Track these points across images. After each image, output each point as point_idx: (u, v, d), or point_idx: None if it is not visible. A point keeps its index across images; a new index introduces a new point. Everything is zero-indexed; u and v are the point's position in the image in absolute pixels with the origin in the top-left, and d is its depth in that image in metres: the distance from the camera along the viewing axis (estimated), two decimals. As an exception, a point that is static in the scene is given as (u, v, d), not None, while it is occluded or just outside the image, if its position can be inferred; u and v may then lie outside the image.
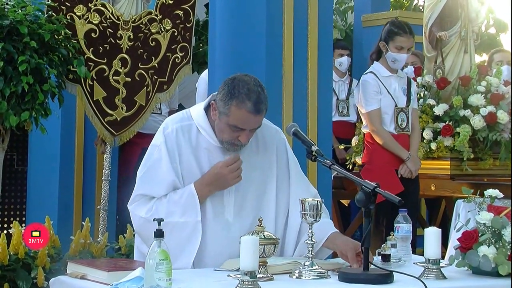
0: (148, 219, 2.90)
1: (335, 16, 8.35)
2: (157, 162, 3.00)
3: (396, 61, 5.22)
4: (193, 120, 3.06)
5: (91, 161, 6.18)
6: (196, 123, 3.05)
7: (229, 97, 2.89)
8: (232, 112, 2.89)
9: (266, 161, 3.10)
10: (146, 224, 2.92)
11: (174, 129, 3.02)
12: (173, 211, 2.93)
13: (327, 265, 2.87)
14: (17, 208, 7.21)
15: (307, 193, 3.06)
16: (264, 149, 3.11)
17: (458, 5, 6.00)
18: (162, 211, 2.92)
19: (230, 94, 2.89)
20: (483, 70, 6.04)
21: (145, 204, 2.97)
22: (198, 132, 3.04)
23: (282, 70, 4.71)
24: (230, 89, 2.90)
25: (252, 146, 3.07)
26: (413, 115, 5.34)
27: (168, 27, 5.36)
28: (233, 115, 2.89)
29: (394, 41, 5.21)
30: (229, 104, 2.89)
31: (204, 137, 3.03)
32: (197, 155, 3.02)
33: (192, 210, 2.93)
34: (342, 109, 7.23)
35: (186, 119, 3.07)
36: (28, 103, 4.63)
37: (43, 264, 4.35)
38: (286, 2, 4.74)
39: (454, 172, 5.60)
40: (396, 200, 2.65)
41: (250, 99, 2.87)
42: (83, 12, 5.08)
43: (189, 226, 2.92)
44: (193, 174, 3.00)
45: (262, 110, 2.91)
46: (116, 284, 2.41)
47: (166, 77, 5.35)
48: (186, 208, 2.93)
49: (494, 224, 2.80)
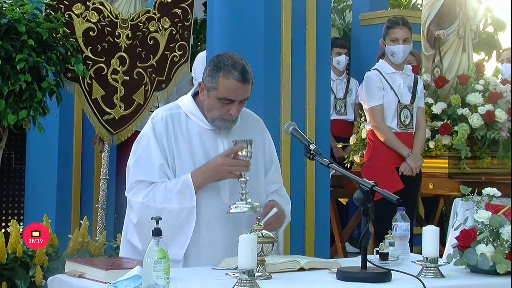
0: (145, 204, 2.97)
1: (333, 14, 8.35)
2: (146, 148, 3.06)
3: (394, 54, 5.21)
4: (181, 108, 3.14)
5: (89, 159, 6.18)
6: (185, 110, 3.13)
7: (216, 71, 3.01)
8: (220, 84, 3.00)
9: (254, 145, 3.16)
10: (143, 209, 2.98)
11: (164, 116, 3.10)
12: (169, 198, 2.98)
13: (326, 264, 2.87)
14: (15, 206, 7.22)
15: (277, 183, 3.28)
16: (252, 134, 3.19)
17: (456, 4, 6.00)
18: (159, 197, 2.98)
19: (216, 67, 3.02)
20: (481, 68, 6.05)
21: (143, 190, 3.01)
22: (187, 118, 3.11)
23: (280, 69, 4.71)
24: (215, 64, 3.04)
25: (242, 130, 3.16)
26: (418, 113, 5.32)
27: (167, 26, 5.35)
28: (222, 87, 3.00)
29: (389, 35, 5.24)
30: (216, 77, 3.01)
31: (194, 122, 3.11)
32: (189, 140, 3.08)
33: (188, 197, 2.98)
34: (340, 108, 7.23)
35: (175, 108, 3.16)
36: (26, 102, 4.63)
37: (41, 263, 4.36)
38: (284, 1, 4.74)
39: (452, 170, 5.60)
40: (394, 198, 2.65)
41: (236, 69, 3.00)
42: (81, 11, 5.07)
43: (184, 212, 2.97)
44: (186, 159, 3.06)
45: (249, 79, 3.03)
46: (114, 283, 2.40)
47: (165, 75, 5.35)
48: (181, 194, 2.98)
49: (492, 222, 2.81)
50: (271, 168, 3.28)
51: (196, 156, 3.07)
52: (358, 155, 6.05)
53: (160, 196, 2.98)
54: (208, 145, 3.09)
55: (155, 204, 2.97)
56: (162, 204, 2.96)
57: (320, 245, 4.79)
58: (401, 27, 5.22)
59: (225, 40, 4.79)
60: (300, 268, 2.79)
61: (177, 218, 2.98)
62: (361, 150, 6.01)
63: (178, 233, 2.98)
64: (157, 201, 2.97)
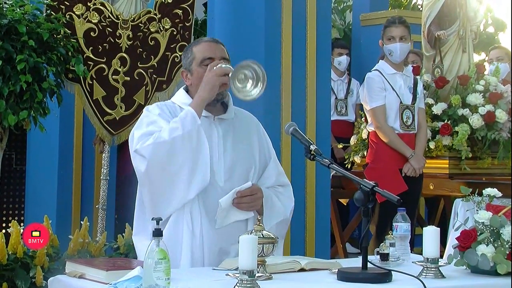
0: (155, 143, 2.96)
1: (333, 15, 8.35)
2: (147, 118, 3.08)
3: (392, 52, 5.20)
4: (175, 103, 3.20)
5: (89, 160, 6.18)
6: (178, 103, 3.17)
7: (188, 48, 3.21)
8: (195, 52, 3.15)
9: (248, 136, 3.21)
10: (155, 148, 2.96)
11: (159, 104, 3.18)
12: (175, 127, 2.98)
13: (326, 264, 2.87)
14: (16, 207, 7.22)
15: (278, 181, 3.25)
16: (246, 126, 3.23)
17: (457, 4, 6.00)
18: (165, 132, 2.98)
19: (187, 47, 3.24)
20: (481, 69, 6.05)
21: (148, 136, 3.00)
22: (181, 109, 3.12)
23: (281, 70, 4.72)
24: (187, 47, 3.26)
25: (236, 122, 3.19)
26: (419, 114, 5.32)
27: (167, 26, 5.36)
28: (197, 52, 3.14)
29: (386, 34, 5.24)
30: (189, 50, 3.19)
31: None
32: None
33: (191, 119, 2.99)
34: (341, 109, 7.23)
35: (169, 103, 3.22)
36: (27, 102, 4.64)
37: (41, 264, 4.35)
38: (284, 2, 4.74)
39: (452, 171, 5.60)
40: (395, 199, 2.65)
41: (204, 38, 3.28)
42: (82, 11, 5.07)
43: (193, 134, 2.97)
44: None
45: (220, 41, 3.20)
46: (115, 283, 2.40)
47: (165, 76, 5.35)
48: (184, 120, 2.99)
49: (492, 223, 2.81)
50: (268, 163, 3.26)
51: None
52: (359, 155, 6.05)
53: (167, 131, 2.98)
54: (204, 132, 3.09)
55: (165, 138, 2.96)
56: (171, 135, 2.95)
57: (320, 246, 4.79)
58: (396, 25, 5.22)
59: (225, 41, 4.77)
60: (300, 268, 2.79)
61: (190, 142, 2.97)
62: (361, 150, 6.01)
63: (199, 155, 2.98)
64: (165, 135, 2.97)
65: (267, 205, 3.13)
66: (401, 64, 5.28)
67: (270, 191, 3.20)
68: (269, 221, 3.12)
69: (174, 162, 2.97)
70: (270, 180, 3.25)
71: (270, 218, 3.14)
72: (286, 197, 3.26)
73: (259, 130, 3.30)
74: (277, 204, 3.19)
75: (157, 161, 2.98)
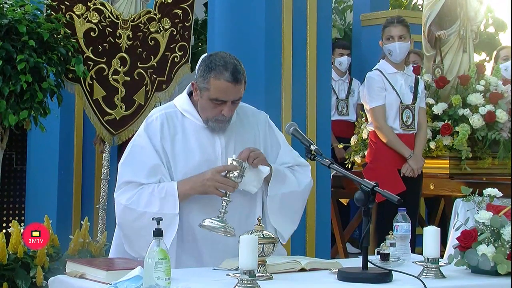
0: (127, 206, 2.95)
1: (334, 15, 8.35)
2: (137, 148, 3.05)
3: (391, 52, 5.20)
4: (176, 107, 3.14)
5: (90, 160, 6.18)
6: (180, 109, 3.12)
7: (207, 71, 2.99)
8: (211, 85, 2.98)
9: (252, 139, 3.16)
10: (125, 211, 2.97)
11: (158, 116, 3.09)
12: (152, 202, 2.95)
13: (327, 264, 2.87)
14: (16, 207, 7.22)
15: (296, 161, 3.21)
16: (249, 128, 3.19)
17: (457, 4, 6.00)
18: (143, 200, 2.95)
19: (208, 68, 2.99)
20: (481, 69, 6.04)
21: (130, 191, 2.98)
22: (183, 117, 3.10)
23: (281, 70, 4.71)
24: (207, 64, 3.01)
25: (237, 125, 3.14)
26: (420, 114, 5.31)
27: (167, 26, 5.36)
28: (213, 88, 2.98)
29: (385, 34, 5.24)
30: (207, 77, 2.98)
31: (189, 121, 3.10)
32: (185, 139, 3.07)
33: (170, 203, 2.94)
34: (342, 109, 7.24)
35: (170, 107, 3.15)
36: (27, 102, 4.64)
37: (42, 264, 4.35)
38: (285, 2, 4.74)
39: (453, 171, 5.60)
40: (395, 199, 2.65)
41: (227, 70, 2.97)
42: (82, 11, 5.08)
43: (166, 218, 2.87)
44: (182, 158, 3.04)
45: (241, 80, 2.99)
46: (115, 283, 2.40)
47: (165, 76, 5.36)
48: (165, 200, 2.95)
49: (493, 223, 2.81)
50: (278, 152, 3.21)
51: (192, 154, 3.05)
52: (359, 155, 6.04)
53: (144, 200, 2.95)
54: (205, 142, 3.08)
55: (138, 207, 2.95)
56: (145, 208, 2.92)
57: (321, 246, 4.79)
58: (395, 25, 5.22)
59: (226, 41, 4.79)
60: (301, 268, 2.79)
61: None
62: (362, 150, 6.00)
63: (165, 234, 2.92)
64: (140, 204, 2.94)
65: (275, 174, 3.08)
66: (402, 64, 5.28)
67: (283, 167, 3.16)
68: (276, 189, 3.09)
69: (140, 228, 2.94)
70: (286, 163, 3.20)
71: (277, 186, 3.10)
72: (301, 173, 3.21)
73: (265, 126, 3.25)
74: (288, 175, 3.15)
75: (125, 223, 2.99)
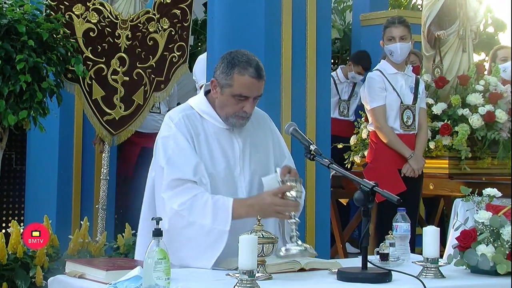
0: (178, 212, 2.89)
1: (333, 15, 8.35)
2: (177, 149, 2.99)
3: (392, 52, 5.20)
4: (193, 109, 3.10)
5: (89, 160, 6.18)
6: (198, 110, 3.09)
7: (231, 67, 2.98)
8: (235, 80, 2.97)
9: (263, 142, 3.16)
10: (175, 217, 2.90)
11: (181, 117, 3.05)
12: (205, 214, 2.89)
13: (326, 264, 2.87)
14: (16, 207, 7.21)
15: None
16: (260, 131, 3.19)
17: (457, 4, 6.00)
18: (195, 209, 2.89)
19: (230, 64, 2.98)
20: (481, 69, 6.04)
21: (183, 196, 2.92)
22: (202, 118, 3.08)
23: (281, 70, 4.71)
24: (229, 60, 3.00)
25: (250, 128, 3.13)
26: (420, 114, 5.31)
27: (166, 26, 5.36)
28: (237, 83, 2.97)
29: (386, 34, 5.24)
30: (231, 73, 2.97)
31: (208, 122, 3.08)
32: (207, 141, 3.05)
33: (223, 219, 2.88)
34: (343, 109, 7.27)
35: (187, 109, 3.11)
36: (26, 102, 4.64)
37: (41, 264, 4.35)
38: (284, 2, 4.74)
39: (452, 171, 5.60)
40: (395, 199, 2.65)
41: (251, 65, 2.97)
42: (82, 11, 5.08)
43: (214, 232, 2.87)
44: (206, 160, 3.01)
45: (263, 76, 3.00)
46: (115, 283, 2.40)
47: (164, 76, 5.36)
48: (217, 215, 2.89)
49: (492, 223, 2.81)
50: (283, 162, 3.21)
51: (215, 157, 3.03)
52: (359, 155, 6.05)
53: (197, 209, 2.89)
54: (225, 144, 3.06)
55: (189, 215, 2.88)
56: (196, 217, 2.86)
57: (320, 246, 4.78)
58: (396, 25, 5.22)
59: (225, 41, 4.79)
60: (300, 268, 2.79)
61: (207, 237, 2.88)
62: (361, 150, 6.00)
63: (205, 251, 2.88)
64: (192, 213, 2.88)
65: None
66: (403, 64, 5.28)
67: None
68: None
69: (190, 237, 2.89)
70: None
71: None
72: None
73: (271, 128, 3.26)
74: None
75: (174, 229, 2.91)
